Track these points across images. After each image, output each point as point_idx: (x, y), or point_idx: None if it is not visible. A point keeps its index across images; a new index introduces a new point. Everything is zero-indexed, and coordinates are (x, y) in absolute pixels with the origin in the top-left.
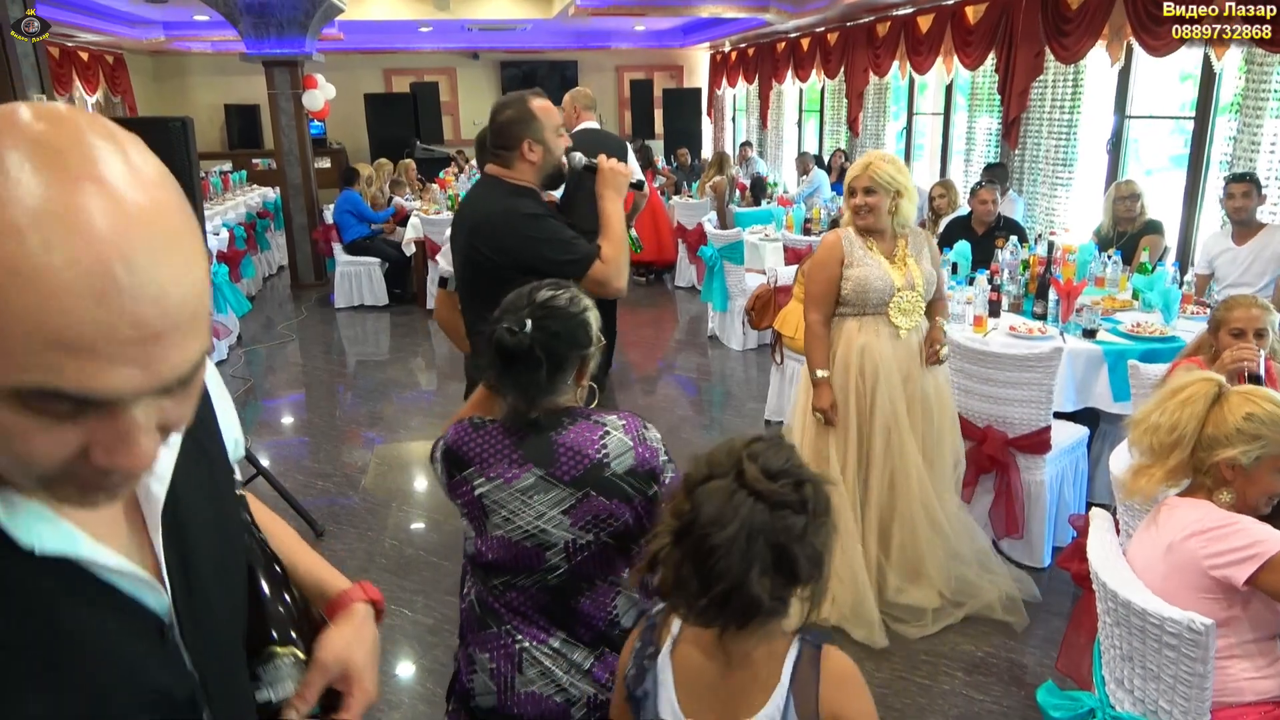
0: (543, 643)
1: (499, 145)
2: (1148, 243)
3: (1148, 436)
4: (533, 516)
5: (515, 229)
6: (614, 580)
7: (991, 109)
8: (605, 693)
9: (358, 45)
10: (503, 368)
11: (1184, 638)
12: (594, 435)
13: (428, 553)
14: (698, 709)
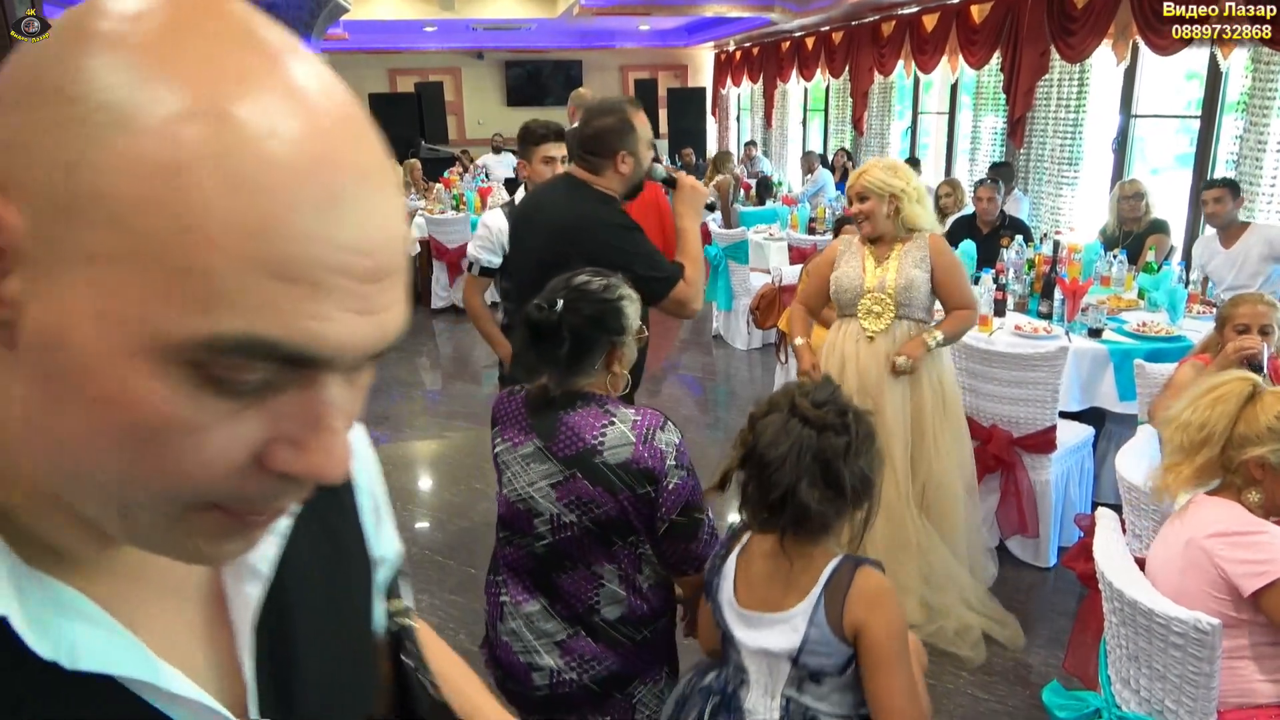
0: (519, 604)
1: (591, 151)
2: (1153, 242)
3: (1179, 434)
4: (526, 483)
5: (609, 239)
6: (596, 570)
7: (996, 108)
8: (572, 671)
9: (363, 45)
10: (529, 342)
11: (1190, 637)
12: (597, 422)
13: (433, 552)
14: (745, 598)
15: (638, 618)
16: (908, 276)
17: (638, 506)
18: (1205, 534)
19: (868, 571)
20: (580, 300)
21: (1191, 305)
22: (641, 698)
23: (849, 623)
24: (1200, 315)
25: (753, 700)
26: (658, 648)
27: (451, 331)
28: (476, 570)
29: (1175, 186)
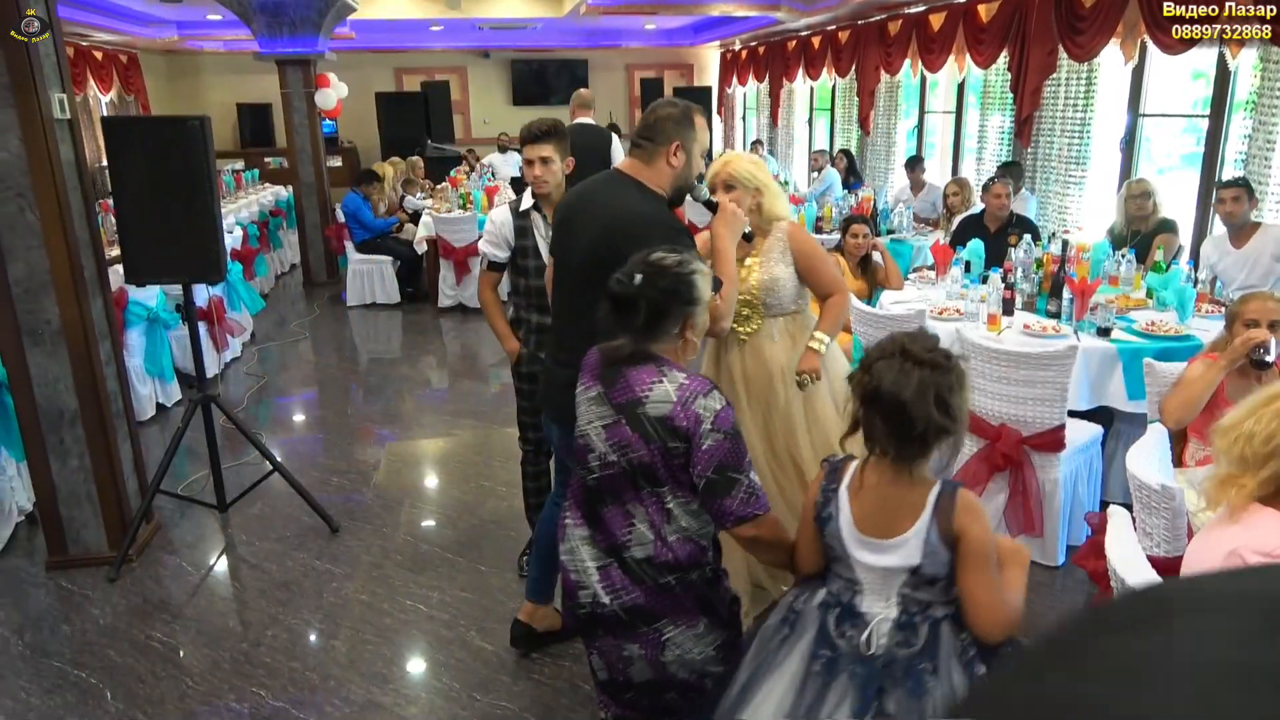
0: (575, 527)
1: (647, 136)
2: (1161, 241)
3: (1239, 445)
4: (586, 421)
5: (658, 239)
6: (629, 510)
7: (1004, 107)
8: (606, 596)
9: (369, 44)
10: (611, 311)
11: None
12: (648, 379)
13: (442, 549)
14: (866, 525)
15: (661, 563)
16: (770, 275)
17: (666, 459)
18: (1255, 550)
19: (963, 491)
20: (657, 274)
21: (1200, 304)
22: (673, 637)
23: (956, 530)
24: (1209, 314)
25: (868, 604)
26: (685, 598)
27: (459, 330)
28: (486, 568)
29: (1182, 186)
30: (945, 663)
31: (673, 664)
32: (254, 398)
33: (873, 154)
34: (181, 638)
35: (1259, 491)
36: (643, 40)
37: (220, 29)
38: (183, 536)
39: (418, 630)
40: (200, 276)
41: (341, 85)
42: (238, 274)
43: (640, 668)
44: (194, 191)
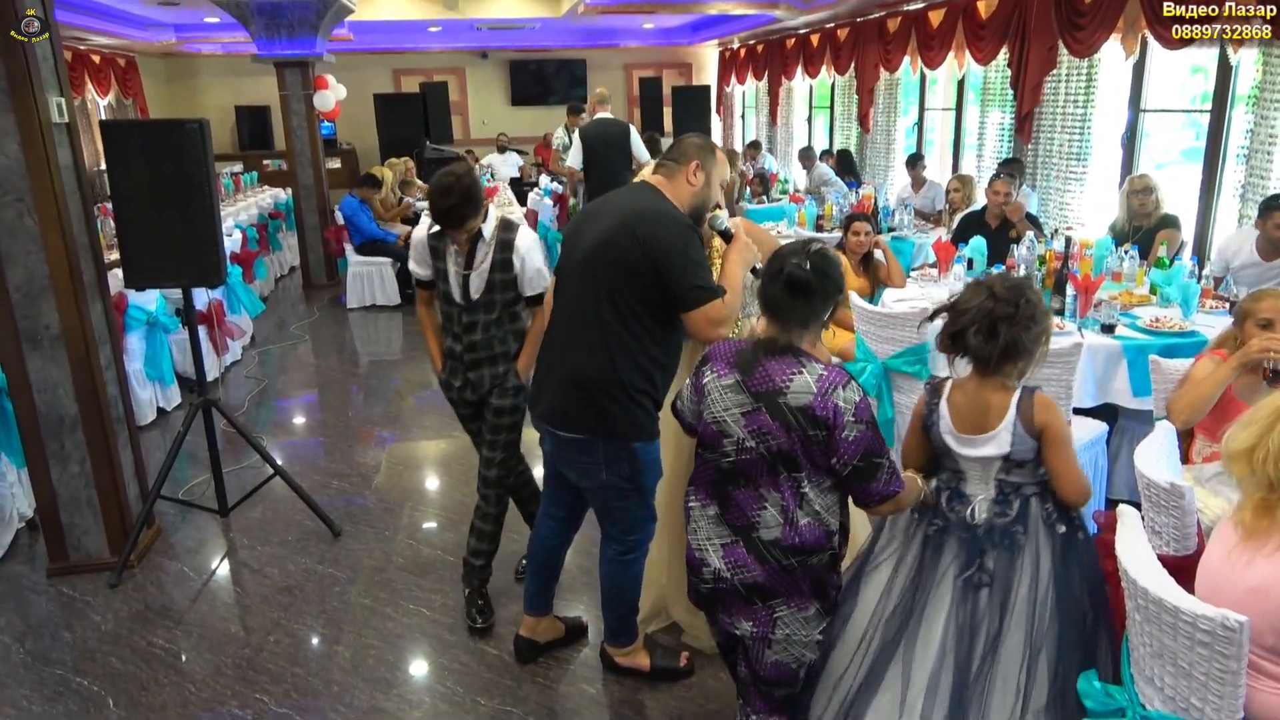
0: (703, 506)
1: (672, 156)
2: (1164, 237)
3: (1269, 467)
4: (721, 408)
5: (674, 234)
6: (762, 494)
7: (1004, 104)
8: (727, 571)
9: (367, 46)
10: (789, 298)
11: (1217, 635)
12: (789, 369)
13: (444, 552)
14: (963, 426)
15: (787, 546)
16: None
17: (807, 446)
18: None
19: (1039, 393)
20: (823, 262)
21: (1204, 300)
22: (783, 616)
23: (1037, 424)
24: (1213, 310)
25: (971, 488)
26: (803, 580)
27: None
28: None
29: (1182, 181)
30: (1033, 526)
31: (779, 643)
32: (254, 401)
33: (873, 151)
34: (183, 644)
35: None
36: (641, 39)
37: (218, 31)
38: (184, 541)
39: (421, 634)
40: (200, 280)
41: (340, 87)
42: (237, 277)
43: (744, 649)
44: (193, 195)
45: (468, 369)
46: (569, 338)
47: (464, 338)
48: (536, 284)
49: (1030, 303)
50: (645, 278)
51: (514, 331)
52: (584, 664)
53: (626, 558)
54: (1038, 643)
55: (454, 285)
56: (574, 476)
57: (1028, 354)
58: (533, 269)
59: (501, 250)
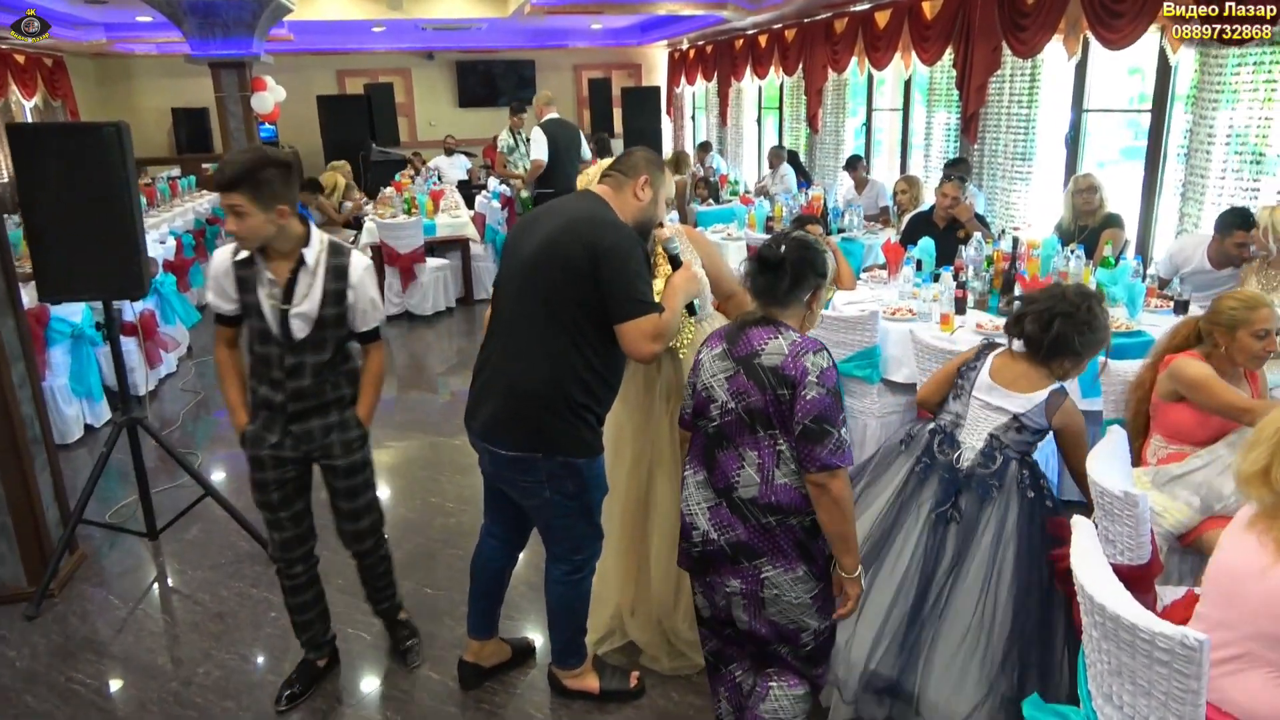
0: (694, 473)
1: (620, 168)
2: (1109, 236)
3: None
4: (709, 375)
5: (616, 242)
6: (741, 453)
7: (950, 104)
8: (714, 532)
9: (309, 46)
10: (757, 273)
11: (1176, 653)
12: (766, 335)
13: None
14: (999, 378)
15: (764, 504)
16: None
17: (777, 406)
18: None
19: (1070, 400)
20: (799, 245)
21: (1150, 300)
22: (770, 576)
23: (1054, 422)
24: (1158, 309)
25: (964, 435)
26: (784, 540)
27: (405, 338)
28: (433, 591)
29: (1122, 180)
30: (1009, 483)
31: (770, 604)
32: (191, 415)
33: (822, 152)
34: (107, 678)
35: None
36: (590, 40)
37: (151, 31)
38: (110, 568)
39: (361, 661)
40: (120, 293)
41: (279, 88)
42: (171, 286)
43: (740, 606)
44: (112, 203)
45: (291, 420)
46: (508, 349)
47: (287, 384)
48: (371, 318)
49: (1091, 310)
50: (588, 284)
51: (347, 373)
52: (532, 687)
53: (573, 577)
54: (995, 587)
55: (271, 322)
56: (515, 495)
57: (1075, 355)
58: (367, 300)
59: (333, 279)
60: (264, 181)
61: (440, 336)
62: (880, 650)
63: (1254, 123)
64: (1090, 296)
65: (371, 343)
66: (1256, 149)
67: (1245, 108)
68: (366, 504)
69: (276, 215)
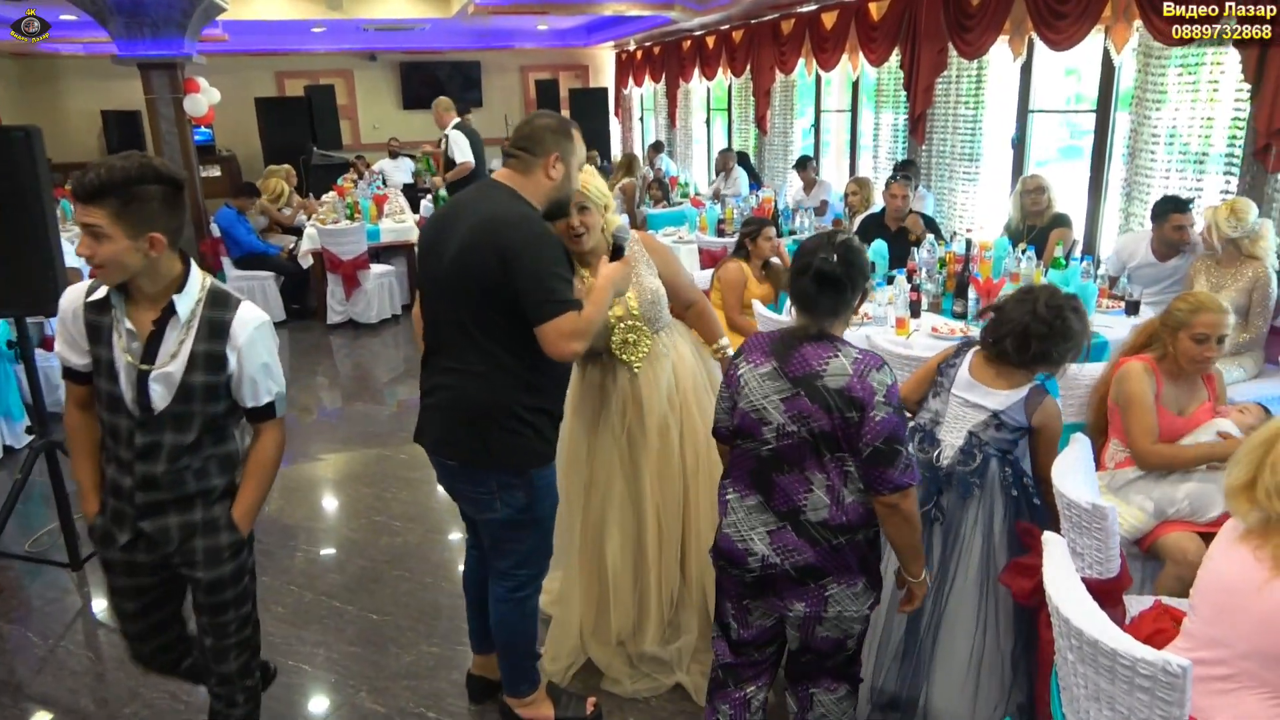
0: (743, 497)
1: (524, 146)
2: (1058, 236)
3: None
4: (760, 395)
5: (525, 242)
6: (808, 476)
7: (897, 105)
8: (776, 557)
9: (245, 46)
10: (819, 292)
11: (1158, 680)
12: (824, 353)
13: (329, 596)
14: (978, 376)
15: (835, 525)
16: (649, 289)
17: (845, 429)
18: None
19: (1050, 398)
20: (850, 253)
21: (1101, 300)
22: (834, 595)
23: (1034, 421)
24: (1109, 310)
25: (944, 433)
26: (850, 557)
27: (350, 348)
28: (379, 616)
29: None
30: (990, 482)
31: (829, 622)
32: None
33: (770, 154)
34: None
35: None
36: (536, 41)
37: (76, 30)
38: (29, 601)
39: (300, 696)
40: (33, 308)
41: (213, 90)
42: None
43: (795, 626)
44: (22, 212)
45: (141, 515)
46: (445, 363)
47: (136, 467)
48: (262, 390)
49: (1065, 322)
50: (507, 291)
51: (220, 459)
52: (484, 714)
53: (518, 594)
54: (992, 591)
55: (124, 385)
56: (468, 508)
57: (1055, 363)
58: (256, 368)
59: (209, 338)
60: (138, 199)
61: (386, 345)
62: (885, 665)
63: (1195, 123)
64: (1063, 306)
65: (265, 421)
66: (1193, 151)
67: (1188, 108)
68: (234, 631)
69: (147, 245)
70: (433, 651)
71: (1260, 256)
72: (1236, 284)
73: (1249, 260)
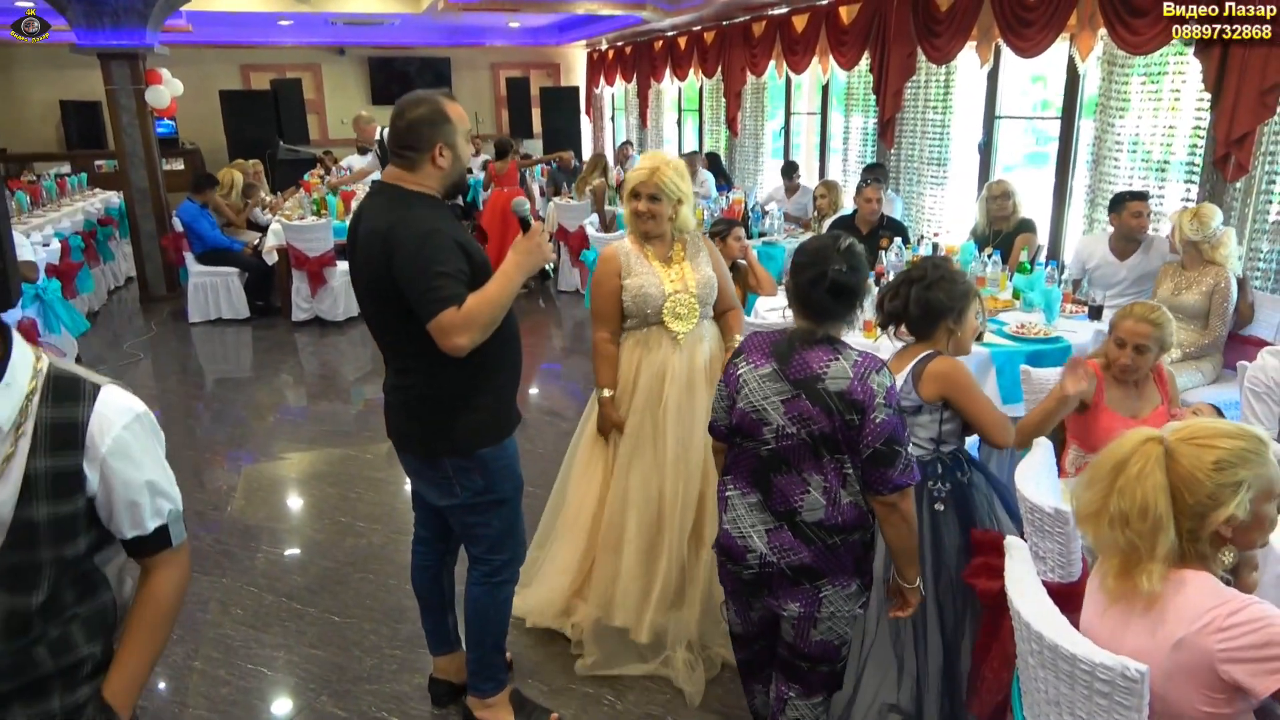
0: (744, 494)
1: (405, 145)
2: (1023, 241)
3: (1118, 531)
4: (760, 397)
5: (403, 244)
6: (805, 477)
7: (867, 109)
8: (774, 555)
9: (210, 38)
10: (833, 301)
11: (1117, 685)
12: (825, 356)
13: (290, 598)
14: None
15: (831, 525)
16: (705, 276)
17: (846, 431)
18: (1198, 628)
19: (934, 361)
20: (856, 261)
21: (1065, 305)
22: (828, 595)
23: (924, 388)
24: (1074, 315)
25: None
26: (846, 558)
27: (315, 346)
28: (340, 619)
29: (1027, 184)
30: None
31: (822, 622)
32: None
33: (741, 155)
34: None
35: (1166, 566)
36: (507, 39)
37: None
38: None
39: (259, 700)
40: None
41: (176, 82)
42: (55, 292)
43: (790, 625)
44: None
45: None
46: (391, 362)
47: None
48: (148, 512)
49: (937, 266)
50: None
51: (89, 619)
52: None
53: (492, 579)
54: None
55: None
56: (432, 498)
57: (948, 309)
58: (134, 484)
59: (53, 449)
60: None
61: (353, 343)
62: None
63: (1158, 131)
64: (933, 259)
65: (157, 555)
66: (1155, 159)
67: (1150, 116)
68: None
69: None
70: (396, 654)
71: (1221, 263)
72: (1197, 288)
73: (1209, 265)
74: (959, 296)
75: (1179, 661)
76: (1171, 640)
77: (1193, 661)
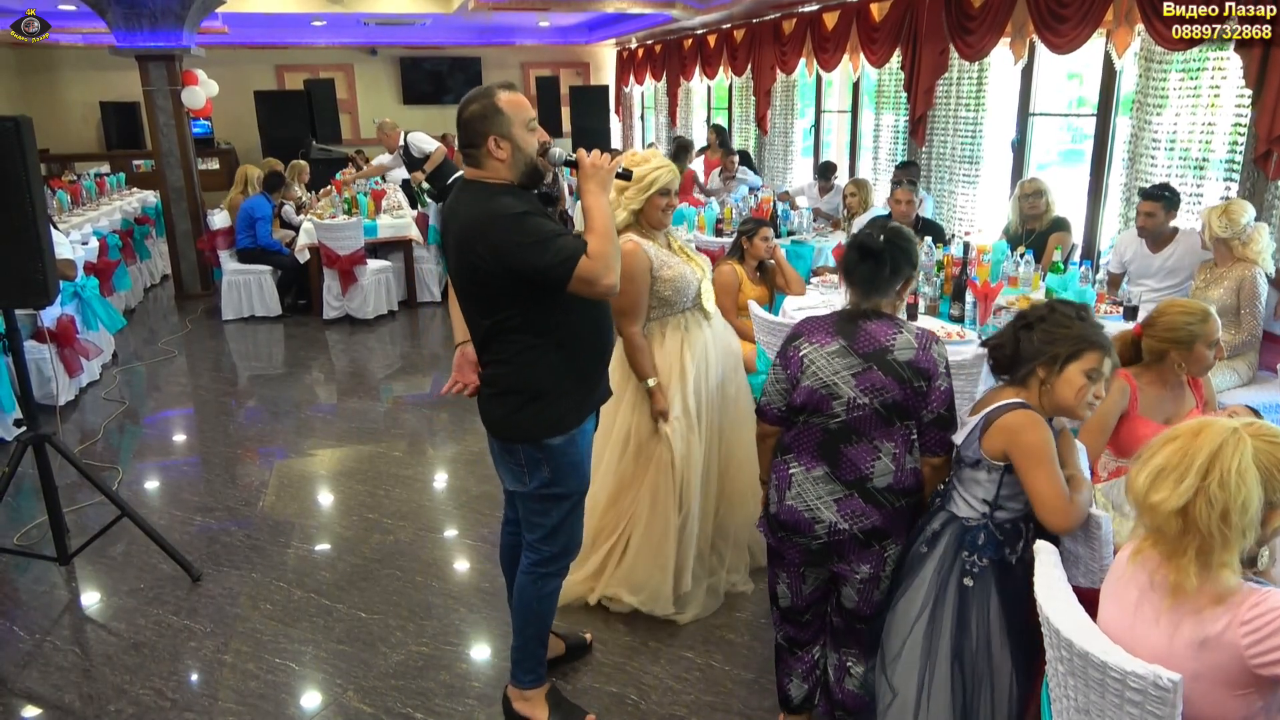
0: (809, 470)
1: (466, 144)
2: (1057, 241)
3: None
4: (830, 372)
5: (505, 232)
6: (877, 445)
7: (898, 107)
8: (844, 523)
9: (245, 39)
10: (858, 262)
11: (1149, 694)
12: (890, 330)
13: (319, 595)
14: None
15: (899, 489)
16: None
17: (914, 398)
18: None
19: (1005, 416)
20: (897, 237)
21: (1100, 305)
22: (891, 554)
23: (986, 441)
24: (1109, 315)
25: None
26: (908, 516)
27: (346, 344)
28: (368, 615)
29: (1062, 183)
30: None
31: (885, 580)
32: (114, 425)
33: (770, 154)
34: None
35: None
36: (537, 38)
37: (75, 20)
38: (15, 596)
39: (287, 695)
40: (22, 300)
41: (211, 83)
42: (93, 290)
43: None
44: (11, 203)
45: None
46: (483, 355)
47: None
48: None
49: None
50: (508, 279)
51: None
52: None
53: (539, 569)
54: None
55: None
56: (508, 482)
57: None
58: None
59: None
60: None
61: (382, 341)
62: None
63: (1196, 128)
64: (1056, 300)
65: None
66: (1194, 157)
67: (1189, 113)
68: None
69: None
70: (422, 651)
71: (1252, 259)
72: (1225, 284)
73: (1239, 262)
74: (1058, 341)
75: (1206, 661)
76: (1198, 639)
77: (1221, 660)
